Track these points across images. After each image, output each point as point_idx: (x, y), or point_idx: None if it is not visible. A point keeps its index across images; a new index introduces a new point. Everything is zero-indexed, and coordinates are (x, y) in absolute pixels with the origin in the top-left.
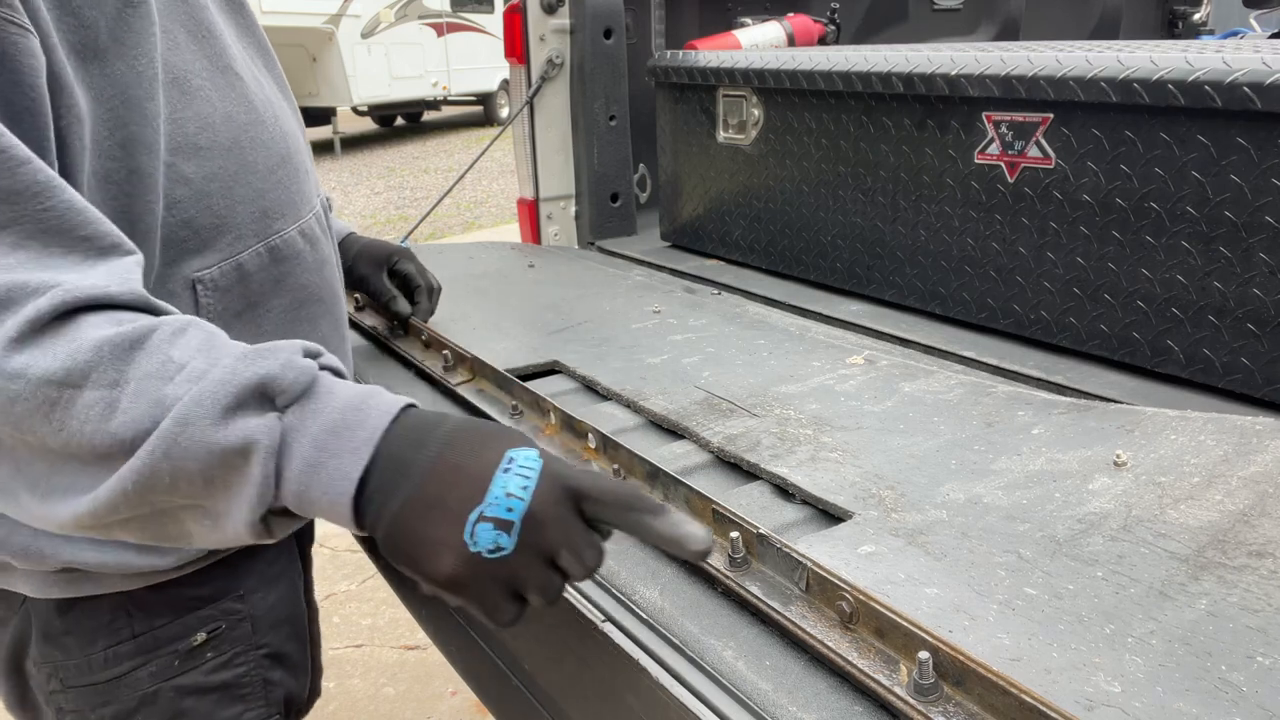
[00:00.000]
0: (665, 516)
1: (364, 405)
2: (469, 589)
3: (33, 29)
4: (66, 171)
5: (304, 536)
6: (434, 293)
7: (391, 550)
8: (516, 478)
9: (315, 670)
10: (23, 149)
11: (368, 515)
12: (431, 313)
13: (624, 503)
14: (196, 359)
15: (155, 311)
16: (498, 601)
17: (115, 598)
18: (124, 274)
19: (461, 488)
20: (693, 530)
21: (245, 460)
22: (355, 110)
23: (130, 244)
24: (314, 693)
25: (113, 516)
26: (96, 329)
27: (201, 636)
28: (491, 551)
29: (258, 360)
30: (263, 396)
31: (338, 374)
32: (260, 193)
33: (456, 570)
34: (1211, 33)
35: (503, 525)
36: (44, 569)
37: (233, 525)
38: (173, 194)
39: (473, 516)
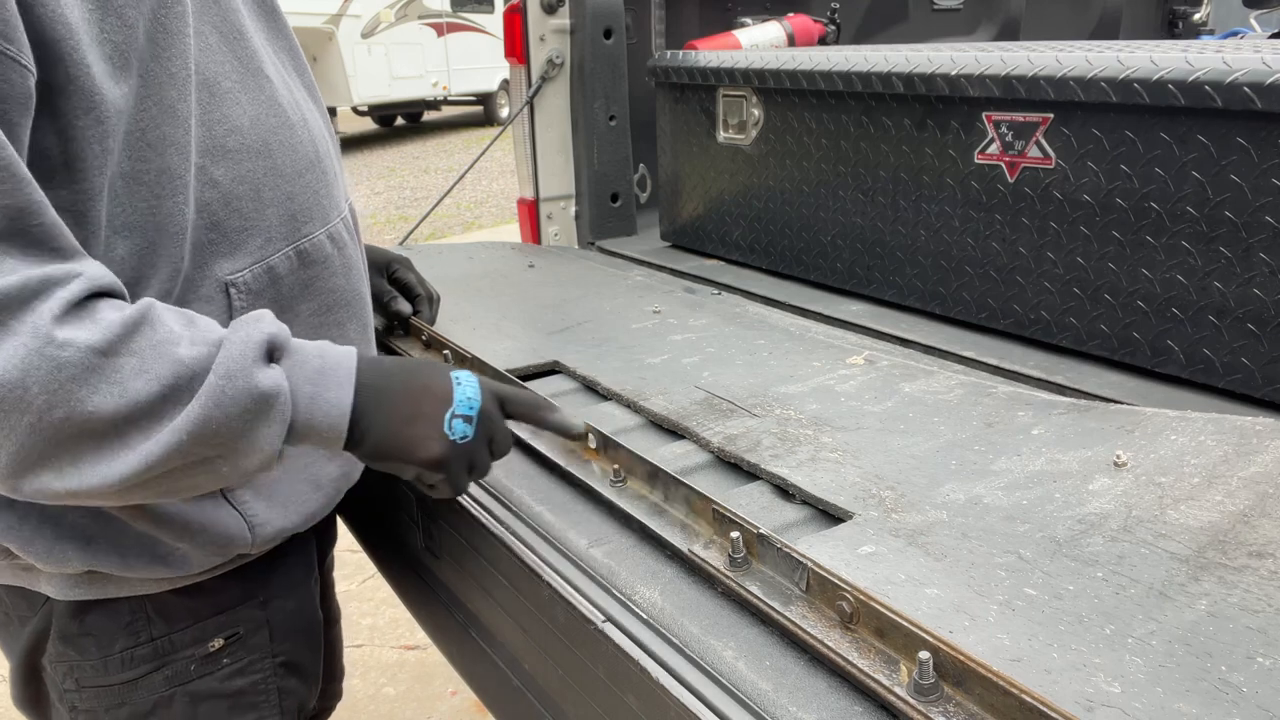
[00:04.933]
0: (557, 412)
1: (330, 351)
2: (448, 465)
3: (28, 65)
4: (83, 174)
5: (323, 542)
6: (434, 302)
7: (385, 451)
8: (469, 388)
9: (337, 674)
10: (25, 171)
11: (357, 431)
12: (432, 323)
13: (531, 403)
14: (187, 329)
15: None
16: (462, 474)
17: (135, 601)
18: (107, 270)
19: (434, 399)
20: (574, 421)
21: (273, 403)
22: (355, 110)
23: (84, 251)
24: (335, 695)
25: (162, 469)
26: (112, 310)
27: (219, 642)
28: (462, 438)
29: (258, 325)
30: (270, 353)
31: None
32: (288, 196)
33: (441, 453)
34: (1211, 33)
35: (467, 420)
36: (67, 571)
37: (256, 461)
38: (201, 197)
39: (448, 415)
